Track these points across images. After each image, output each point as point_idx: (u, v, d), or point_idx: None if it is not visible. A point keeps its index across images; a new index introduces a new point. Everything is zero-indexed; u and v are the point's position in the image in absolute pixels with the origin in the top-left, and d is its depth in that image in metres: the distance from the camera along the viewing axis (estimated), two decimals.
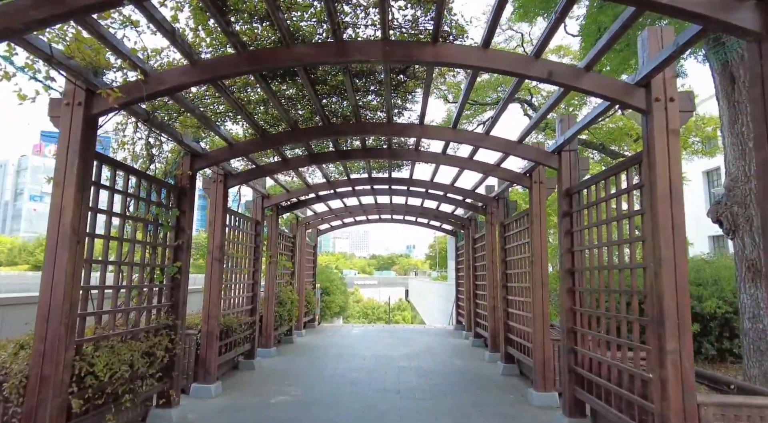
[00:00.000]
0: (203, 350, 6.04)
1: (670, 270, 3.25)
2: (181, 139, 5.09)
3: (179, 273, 5.20)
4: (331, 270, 21.02)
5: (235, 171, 6.56)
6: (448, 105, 17.86)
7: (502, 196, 8.10)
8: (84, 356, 3.65)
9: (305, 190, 8.70)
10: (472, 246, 11.05)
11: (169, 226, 5.10)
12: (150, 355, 4.55)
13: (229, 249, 6.95)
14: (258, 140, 5.55)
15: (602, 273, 4.51)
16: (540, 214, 6.15)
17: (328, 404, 5.63)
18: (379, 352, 9.35)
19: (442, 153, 6.43)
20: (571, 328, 5.00)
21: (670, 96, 3.40)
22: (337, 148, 6.52)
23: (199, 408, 5.39)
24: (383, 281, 73.50)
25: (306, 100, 5.20)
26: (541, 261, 6.08)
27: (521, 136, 5.28)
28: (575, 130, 4.73)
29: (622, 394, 3.88)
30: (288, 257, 10.82)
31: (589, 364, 4.68)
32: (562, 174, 5.25)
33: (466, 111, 16.86)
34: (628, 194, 4.02)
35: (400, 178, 8.56)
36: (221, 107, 5.13)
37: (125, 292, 4.42)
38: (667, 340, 3.17)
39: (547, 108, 4.41)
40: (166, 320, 5.00)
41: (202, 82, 3.89)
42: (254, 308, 8.04)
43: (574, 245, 5.08)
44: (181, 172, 5.43)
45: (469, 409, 5.56)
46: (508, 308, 7.74)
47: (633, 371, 3.72)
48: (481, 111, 17.62)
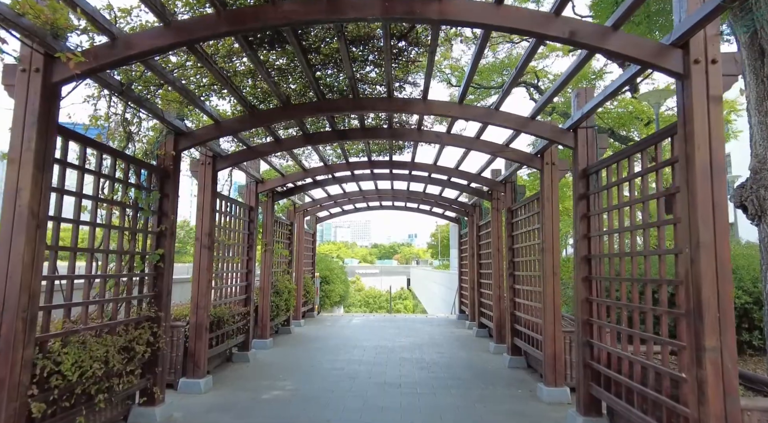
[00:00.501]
0: (192, 343, 5.68)
1: (709, 256, 2.83)
2: (163, 115, 4.65)
3: (162, 261, 4.81)
4: (331, 259, 20.66)
5: (224, 152, 6.13)
6: (451, 89, 17.34)
7: (510, 180, 7.67)
8: (49, 354, 3.27)
9: (302, 175, 8.28)
10: (476, 233, 10.65)
11: (150, 210, 4.70)
12: (129, 350, 4.18)
13: (219, 236, 6.56)
14: (247, 117, 5.11)
15: (623, 260, 4.10)
16: (552, 197, 5.73)
17: (324, 401, 5.28)
18: (379, 343, 9.00)
19: (447, 132, 5.99)
20: (586, 319, 4.61)
21: (711, 57, 2.95)
22: (333, 127, 6.08)
23: (186, 405, 5.04)
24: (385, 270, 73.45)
25: (298, 72, 4.75)
26: (553, 248, 5.68)
27: (534, 111, 4.83)
28: (594, 103, 4.28)
29: (646, 394, 3.50)
30: (285, 245, 10.44)
31: (606, 360, 4.30)
32: (579, 153, 4.81)
33: (470, 95, 16.33)
34: (657, 173, 3.59)
35: (401, 162, 8.12)
36: (205, 80, 4.68)
37: (100, 282, 4.04)
38: (706, 337, 2.77)
39: (569, 74, 3.94)
40: (148, 312, 4.62)
41: (177, 45, 3.45)
42: (249, 298, 7.68)
43: (591, 230, 4.67)
44: (163, 153, 5.01)
45: (475, 405, 5.20)
46: (515, 298, 7.36)
47: (660, 369, 3.33)
48: (485, 95, 17.08)
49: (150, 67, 3.88)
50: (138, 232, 4.58)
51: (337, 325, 11.78)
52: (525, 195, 7.72)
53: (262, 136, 6.43)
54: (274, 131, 5.99)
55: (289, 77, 4.88)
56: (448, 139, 6.05)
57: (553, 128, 5.03)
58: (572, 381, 5.70)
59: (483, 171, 8.01)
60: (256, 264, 8.28)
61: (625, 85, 3.86)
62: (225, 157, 6.10)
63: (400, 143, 7.45)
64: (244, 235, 7.62)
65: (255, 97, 5.09)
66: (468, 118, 5.08)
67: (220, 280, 6.79)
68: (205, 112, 4.88)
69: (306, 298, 12.45)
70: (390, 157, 7.96)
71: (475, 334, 10.14)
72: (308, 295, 12.68)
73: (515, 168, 7.31)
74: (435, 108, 5.01)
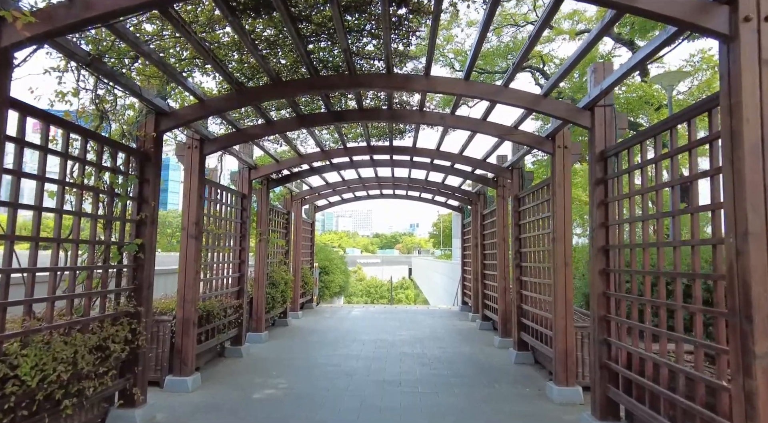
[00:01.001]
0: (179, 339, 5.32)
1: (760, 247, 2.43)
2: (140, 92, 4.23)
3: (142, 251, 4.42)
4: (331, 249, 20.30)
5: (212, 135, 5.71)
6: (455, 74, 16.81)
7: (517, 166, 7.24)
8: (5, 357, 2.90)
9: (297, 161, 7.86)
10: (480, 222, 10.24)
11: (128, 196, 4.30)
12: (104, 349, 3.82)
13: (209, 225, 6.18)
14: (234, 96, 4.69)
15: (647, 251, 3.71)
16: (564, 183, 5.31)
17: (319, 400, 4.93)
18: (379, 337, 8.66)
19: (451, 114, 5.55)
20: (603, 316, 4.22)
21: (765, 14, 2.51)
22: (329, 108, 5.65)
23: (171, 405, 4.70)
24: (386, 260, 73.25)
25: (288, 45, 4.31)
26: (565, 237, 5.28)
27: (548, 87, 4.40)
28: (616, 77, 3.84)
29: (675, 401, 3.13)
30: (281, 235, 10.06)
31: (626, 360, 3.92)
32: (596, 133, 4.39)
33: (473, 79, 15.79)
34: (690, 152, 3.18)
35: (402, 147, 7.69)
36: (186, 53, 4.25)
37: (70, 275, 3.66)
38: (756, 341, 2.38)
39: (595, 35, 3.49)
40: (126, 307, 4.25)
41: (146, 6, 3.03)
42: (242, 290, 7.31)
43: (610, 218, 4.26)
44: (143, 134, 4.60)
45: (480, 406, 4.85)
46: (522, 290, 6.98)
47: (694, 375, 2.96)
48: (489, 79, 16.55)
49: (120, 36, 3.45)
50: (114, 220, 4.19)
51: (336, 317, 11.45)
52: (533, 182, 7.30)
53: (253, 118, 6.00)
54: (265, 112, 5.56)
55: (279, 51, 4.44)
56: (452, 121, 5.62)
57: (568, 107, 4.60)
58: (584, 379, 5.36)
59: (488, 157, 7.58)
60: (250, 254, 7.92)
61: (658, 50, 3.39)
62: (213, 141, 5.68)
63: (401, 127, 7.01)
64: (236, 224, 7.23)
65: (242, 73, 4.66)
66: (474, 96, 4.66)
67: (210, 272, 6.42)
68: (187, 89, 4.46)
69: (304, 289, 12.11)
70: (390, 141, 7.53)
71: (478, 327, 9.79)
72: (306, 286, 12.34)
73: (523, 153, 6.88)
74: (439, 85, 4.57)
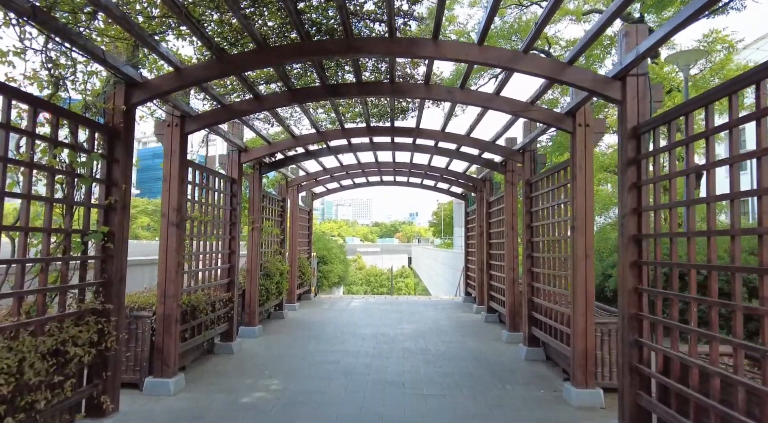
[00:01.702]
0: (159, 337, 4.82)
1: None
2: (104, 57, 3.65)
3: (111, 241, 3.90)
4: (329, 238, 19.80)
5: (194, 112, 5.15)
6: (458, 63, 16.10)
7: (529, 148, 6.69)
8: None
9: (291, 143, 7.29)
10: (486, 210, 9.71)
11: (93, 178, 3.76)
12: (63, 354, 3.32)
13: (194, 212, 5.64)
14: (214, 63, 4.11)
15: (693, 240, 3.18)
16: (585, 166, 4.77)
17: (313, 405, 4.45)
18: (379, 331, 8.18)
19: (460, 88, 4.98)
20: (634, 314, 3.71)
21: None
22: (324, 81, 5.07)
23: (147, 412, 4.20)
24: (386, 249, 72.87)
25: (276, 3, 3.73)
26: (586, 226, 4.76)
27: (575, 51, 3.82)
28: (659, 37, 3.27)
29: (733, 420, 2.63)
30: (276, 223, 9.53)
31: (663, 366, 3.43)
32: (627, 107, 3.83)
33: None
34: (758, 121, 2.63)
35: (404, 128, 7.11)
36: (156, 11, 3.67)
37: (17, 267, 3.13)
38: None
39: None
40: (93, 304, 3.74)
41: None
42: (232, 282, 6.80)
43: (643, 204, 3.73)
44: (112, 107, 4.04)
45: (492, 411, 4.37)
46: (533, 282, 6.47)
47: (761, 390, 2.45)
48: None
49: None
50: (77, 205, 3.66)
51: (334, 309, 10.98)
52: (546, 165, 6.76)
53: (240, 93, 5.43)
54: (252, 86, 4.99)
55: (265, 11, 3.86)
56: (461, 96, 5.05)
57: (595, 77, 4.03)
58: (603, 380, 4.90)
59: (498, 138, 7.02)
60: (242, 244, 7.40)
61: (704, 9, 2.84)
62: (195, 118, 5.11)
63: (403, 105, 6.44)
64: (225, 211, 6.69)
65: (223, 37, 4.09)
66: (489, 64, 4.08)
67: (196, 263, 5.90)
68: (159, 54, 3.88)
69: (301, 279, 11.63)
70: (392, 122, 6.95)
71: (483, 320, 9.32)
72: (304, 277, 11.85)
73: (536, 134, 6.31)
74: (449, 50, 4.00)
